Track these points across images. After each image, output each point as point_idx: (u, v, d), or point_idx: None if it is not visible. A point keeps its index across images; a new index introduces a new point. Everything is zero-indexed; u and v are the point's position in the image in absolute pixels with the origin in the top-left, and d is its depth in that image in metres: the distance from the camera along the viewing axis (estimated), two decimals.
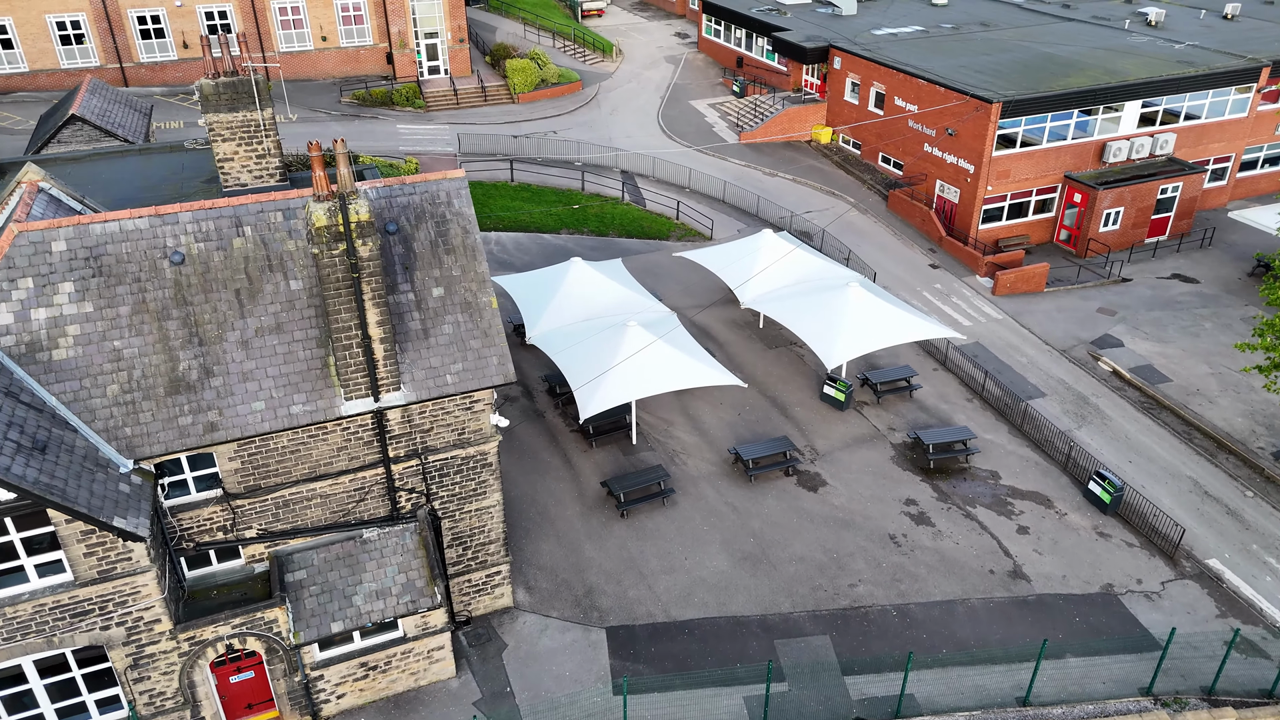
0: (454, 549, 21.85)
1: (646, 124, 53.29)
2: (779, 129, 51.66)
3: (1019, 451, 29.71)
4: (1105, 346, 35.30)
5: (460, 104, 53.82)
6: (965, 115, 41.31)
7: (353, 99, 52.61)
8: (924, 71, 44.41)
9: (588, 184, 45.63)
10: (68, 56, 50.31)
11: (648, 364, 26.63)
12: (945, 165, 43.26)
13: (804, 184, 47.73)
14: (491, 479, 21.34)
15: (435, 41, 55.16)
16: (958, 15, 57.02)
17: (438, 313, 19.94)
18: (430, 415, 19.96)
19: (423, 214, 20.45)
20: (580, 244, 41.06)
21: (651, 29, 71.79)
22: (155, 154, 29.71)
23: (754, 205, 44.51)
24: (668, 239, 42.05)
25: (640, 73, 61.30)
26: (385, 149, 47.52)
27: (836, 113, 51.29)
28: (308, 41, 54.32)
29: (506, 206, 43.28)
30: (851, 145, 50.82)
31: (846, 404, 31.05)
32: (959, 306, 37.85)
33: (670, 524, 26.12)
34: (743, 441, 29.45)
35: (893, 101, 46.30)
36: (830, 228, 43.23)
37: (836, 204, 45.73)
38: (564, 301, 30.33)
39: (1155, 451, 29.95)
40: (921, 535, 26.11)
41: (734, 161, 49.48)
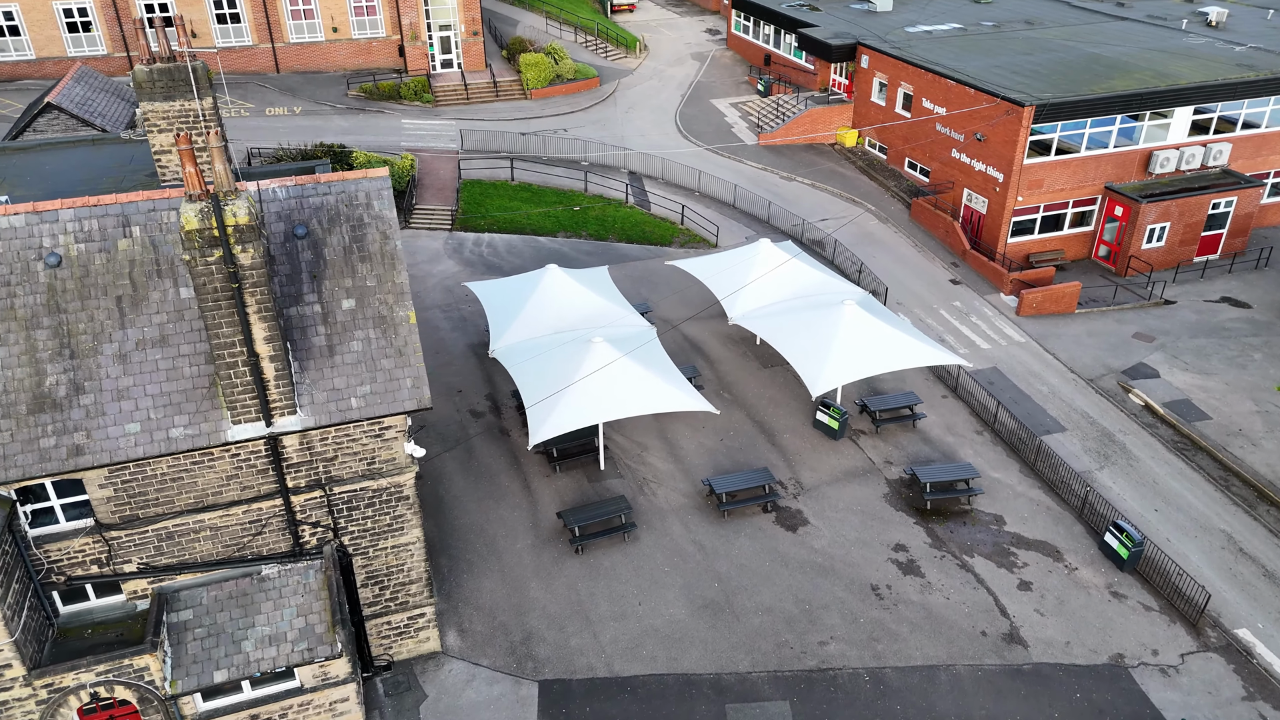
0: (370, 588, 19.75)
1: (662, 123, 50.85)
2: (801, 131, 48.84)
3: (1029, 494, 26.69)
4: (1138, 377, 31.96)
5: (471, 99, 51.96)
6: (995, 119, 38.12)
7: (360, 92, 51.05)
8: (953, 71, 41.27)
9: (592, 185, 43.37)
10: (75, 44, 49.58)
11: (611, 384, 24.26)
12: (973, 173, 40.09)
13: (822, 189, 44.87)
14: (409, 513, 19.18)
15: (449, 34, 53.39)
16: (1001, 13, 53.54)
17: (347, 327, 17.84)
18: (334, 443, 17.87)
19: (337, 216, 18.37)
20: (576, 248, 38.83)
21: (682, 25, 69.30)
22: (107, 145, 28.09)
23: (765, 211, 41.83)
24: (670, 245, 39.59)
25: (663, 69, 58.85)
26: (386, 144, 45.83)
27: (863, 114, 48.28)
28: (319, 32, 52.93)
29: (503, 207, 41.24)
30: (877, 149, 47.78)
31: (840, 433, 28.31)
32: (978, 327, 34.76)
33: (628, 563, 23.72)
34: (721, 471, 26.92)
35: (920, 103, 43.21)
36: (845, 237, 40.35)
37: (855, 211, 42.80)
38: (535, 311, 28.11)
39: (1186, 499, 26.70)
40: (908, 587, 23.32)
41: (750, 164, 46.80)
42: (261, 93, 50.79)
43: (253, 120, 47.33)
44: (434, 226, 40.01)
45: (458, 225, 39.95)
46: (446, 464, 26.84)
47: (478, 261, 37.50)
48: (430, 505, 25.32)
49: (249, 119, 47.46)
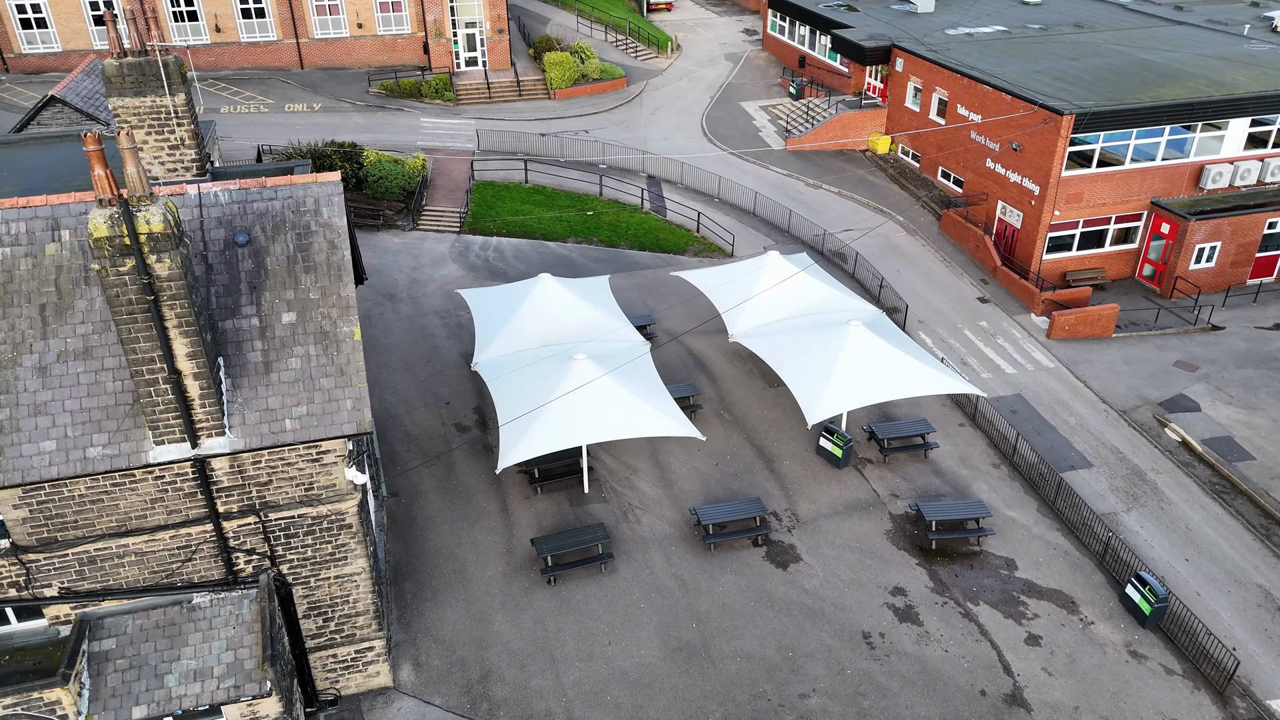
0: (313, 619, 18.54)
1: (688, 125, 49.22)
2: (830, 136, 46.86)
3: (1046, 536, 24.60)
4: (1176, 410, 29.56)
5: (493, 98, 50.88)
6: (1032, 128, 35.83)
7: (380, 89, 50.27)
8: (990, 76, 39.00)
9: (607, 189, 41.94)
10: (100, 37, 49.55)
11: (591, 404, 22.79)
12: (1008, 184, 37.79)
13: (849, 198, 42.87)
14: (353, 543, 17.92)
15: (474, 32, 52.37)
16: (1050, 15, 50.90)
17: (285, 343, 16.62)
18: (267, 466, 16.66)
19: (282, 223, 17.18)
20: (585, 255, 37.44)
21: (720, 24, 67.55)
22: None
23: (786, 220, 39.98)
24: (684, 254, 37.99)
25: (694, 70, 57.20)
26: (402, 143, 44.94)
27: (896, 120, 46.14)
28: (343, 28, 52.31)
29: (514, 210, 40.01)
30: (910, 157, 45.60)
31: (845, 461, 26.48)
32: (1004, 350, 32.57)
33: (602, 597, 22.22)
34: (713, 499, 25.29)
35: (955, 109, 40.98)
36: (869, 249, 38.34)
37: (882, 222, 40.75)
38: (523, 323, 26.75)
39: (1220, 549, 24.38)
40: (903, 636, 21.47)
41: (775, 170, 44.95)
42: (283, 89, 50.29)
43: (271, 116, 46.79)
44: (442, 229, 38.94)
45: (466, 228, 38.82)
46: (424, 480, 25.62)
47: (482, 266, 36.31)
48: (402, 524, 24.12)
49: (268, 115, 46.93)
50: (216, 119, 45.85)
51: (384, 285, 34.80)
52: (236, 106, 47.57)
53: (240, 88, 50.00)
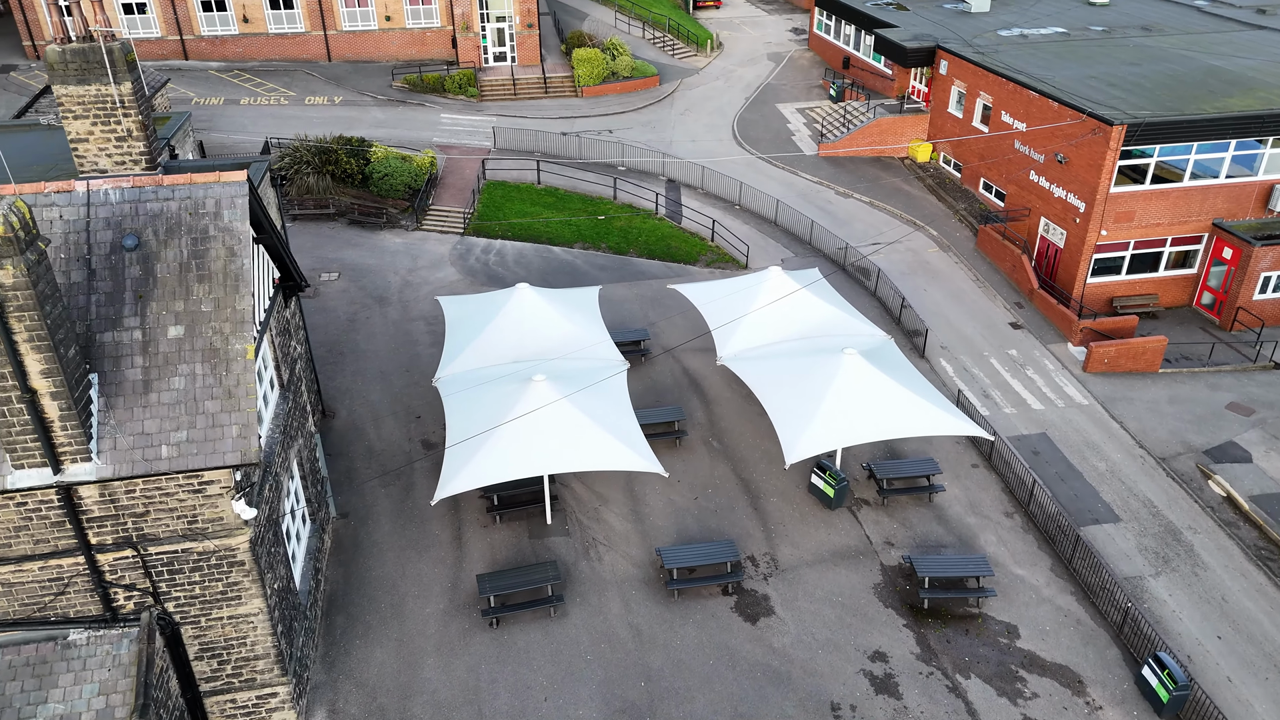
0: (206, 662, 16.94)
1: (718, 127, 46.89)
2: (867, 141, 44.03)
3: (1058, 600, 21.79)
4: (1224, 460, 26.30)
5: (518, 95, 49.26)
6: (1079, 138, 32.67)
7: (404, 84, 49.08)
8: (1035, 81, 35.85)
9: (622, 192, 39.90)
10: (130, 26, 49.34)
11: (546, 431, 20.79)
12: (1051, 199, 34.63)
13: (880, 208, 40.06)
14: (246, 581, 16.23)
15: (504, 26, 50.82)
16: (1116, 17, 47.19)
17: (170, 360, 15.00)
18: (143, 496, 15.06)
19: (177, 226, 15.58)
20: (591, 262, 35.47)
21: (767, 23, 64.95)
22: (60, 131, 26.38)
23: (808, 231, 37.41)
24: (695, 264, 35.75)
25: (733, 69, 54.78)
26: (417, 139, 43.59)
27: (938, 126, 43.12)
28: (371, 21, 51.28)
29: (522, 212, 38.25)
30: (951, 166, 42.54)
31: (838, 501, 24.01)
32: (1032, 383, 29.58)
33: (547, 644, 20.22)
34: (687, 538, 23.08)
35: (999, 117, 37.90)
36: (895, 266, 35.57)
37: (914, 237, 37.89)
38: (495, 336, 24.89)
39: (1261, 626, 21.27)
40: (876, 711, 18.99)
41: (804, 176, 42.37)
42: (307, 81, 49.45)
43: (290, 109, 45.93)
44: (446, 229, 37.39)
45: (470, 229, 37.20)
46: (379, 501, 23.95)
47: (480, 271, 34.62)
48: (346, 549, 22.47)
49: (287, 108, 46.08)
50: (235, 110, 45.19)
51: (376, 287, 33.35)
52: (257, 98, 46.83)
53: (264, 79, 49.31)
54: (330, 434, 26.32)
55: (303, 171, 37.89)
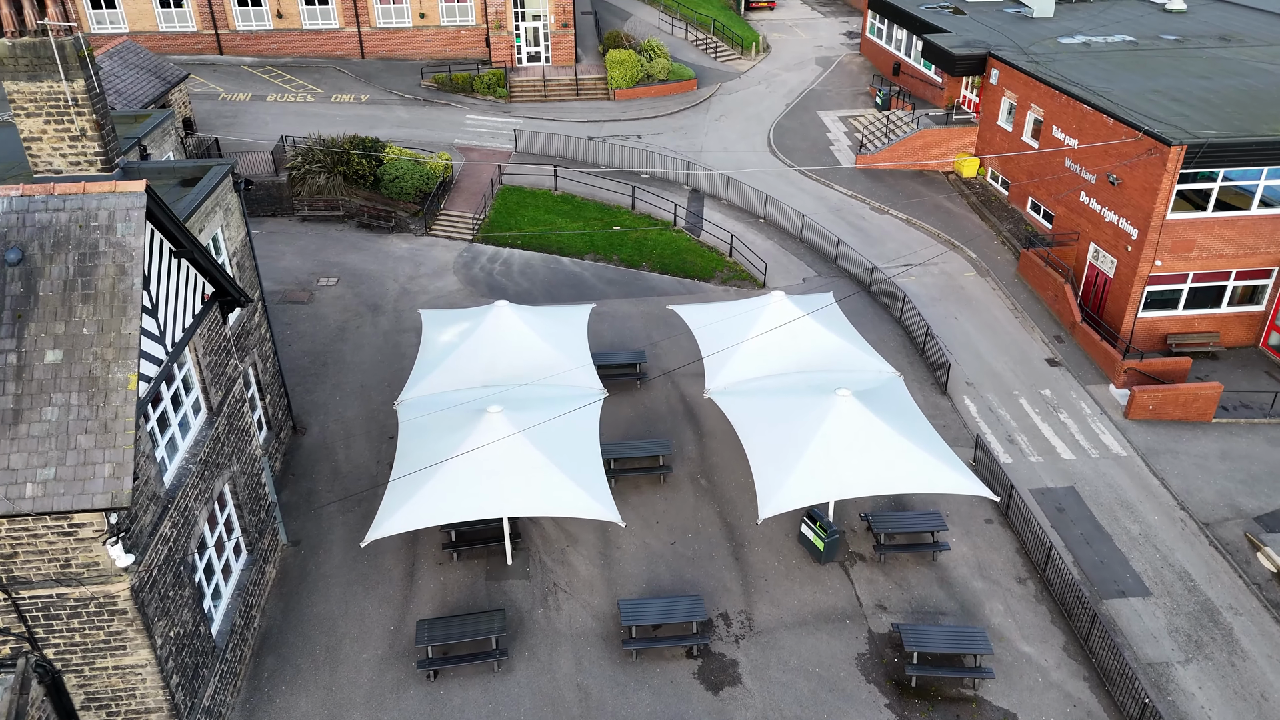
0: (94, 713, 15.60)
1: (752, 134, 44.63)
2: (909, 154, 41.29)
3: (1067, 685, 19.21)
4: (1278, 529, 23.23)
5: (548, 97, 47.71)
6: (1133, 158, 29.65)
7: (433, 83, 47.96)
8: (1089, 94, 32.82)
9: (641, 202, 37.99)
10: (166, 20, 49.28)
11: (496, 469, 19.04)
12: (1103, 224, 31.60)
13: (917, 226, 37.37)
14: (131, 630, 14.83)
15: (539, 25, 49.34)
16: (1192, 25, 43.50)
17: (44, 388, 13.65)
18: (9, 536, 13.74)
19: (66, 240, 14.24)
20: (599, 275, 33.66)
21: (821, 25, 62.30)
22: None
23: (834, 249, 34.97)
24: (709, 280, 33.65)
25: (777, 74, 52.39)
26: (438, 140, 42.36)
27: (986, 140, 40.18)
28: (406, 18, 50.32)
29: (535, 220, 36.64)
30: (999, 184, 39.56)
31: (828, 555, 21.77)
32: (1065, 429, 26.77)
33: (485, 703, 18.46)
34: (658, 589, 21.11)
35: (1050, 131, 34.91)
36: (925, 290, 32.94)
37: (950, 258, 35.14)
38: (468, 356, 23.25)
39: None
40: None
41: (839, 189, 39.86)
42: (336, 78, 48.70)
43: (316, 106, 45.16)
44: (455, 235, 36.00)
45: (479, 236, 35.74)
46: (335, 528, 22.52)
47: (483, 281, 33.11)
48: (292, 580, 21.08)
49: (312, 105, 45.33)
50: (260, 107, 44.60)
51: (373, 294, 32.09)
52: (284, 95, 46.21)
53: (295, 75, 48.73)
54: (297, 452, 25.03)
55: (313, 172, 36.91)
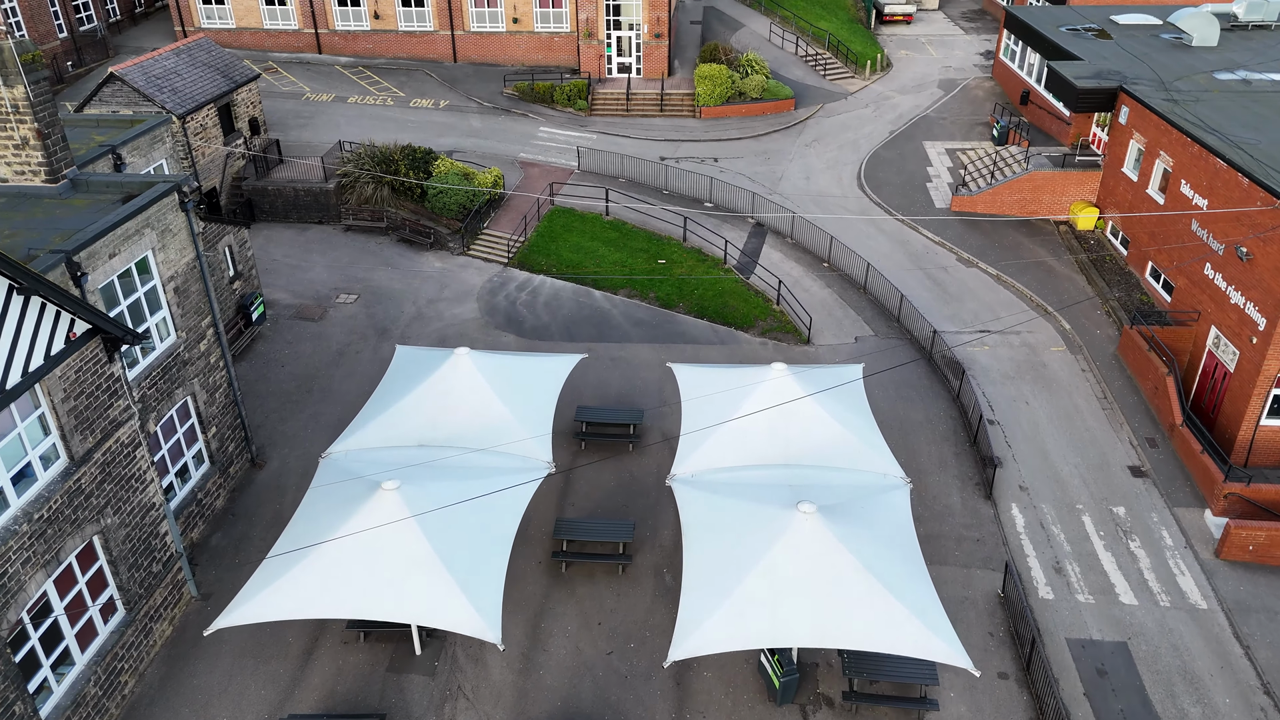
0: None
1: (842, 164, 40.35)
2: (1015, 198, 35.97)
3: None
4: None
5: (630, 111, 45.01)
6: (1268, 229, 23.93)
7: (514, 91, 46.20)
8: (1226, 145, 27.02)
9: (695, 235, 34.65)
10: (270, 17, 49.84)
11: (370, 559, 16.49)
12: (1227, 305, 25.86)
13: (1008, 285, 32.25)
14: None
15: (633, 34, 46.70)
16: None
17: None
18: None
19: None
20: (629, 314, 30.69)
21: (958, 43, 56.67)
22: None
23: (897, 305, 30.52)
24: (749, 329, 30.01)
25: (890, 96, 47.61)
26: (502, 153, 40.49)
27: (1109, 188, 34.41)
28: (500, 22, 48.85)
29: (578, 246, 34.04)
30: (1119, 241, 33.74)
31: (785, 696, 18.03)
32: (1134, 562, 21.65)
33: None
34: (573, 710, 18.02)
35: (1177, 186, 29.19)
36: (999, 364, 28.08)
37: (1038, 327, 29.97)
38: (413, 407, 20.87)
39: None
40: None
41: (925, 234, 35.14)
42: (422, 82, 47.79)
43: (391, 111, 44.30)
44: (491, 257, 33.92)
45: (515, 260, 33.51)
46: None
47: (503, 310, 30.82)
48: (186, 641, 19.31)
49: (389, 109, 44.50)
50: (339, 109, 44.15)
51: (386, 316, 30.40)
52: (365, 97, 45.64)
53: (382, 77, 48.17)
54: (248, 489, 23.42)
55: (362, 180, 35.76)
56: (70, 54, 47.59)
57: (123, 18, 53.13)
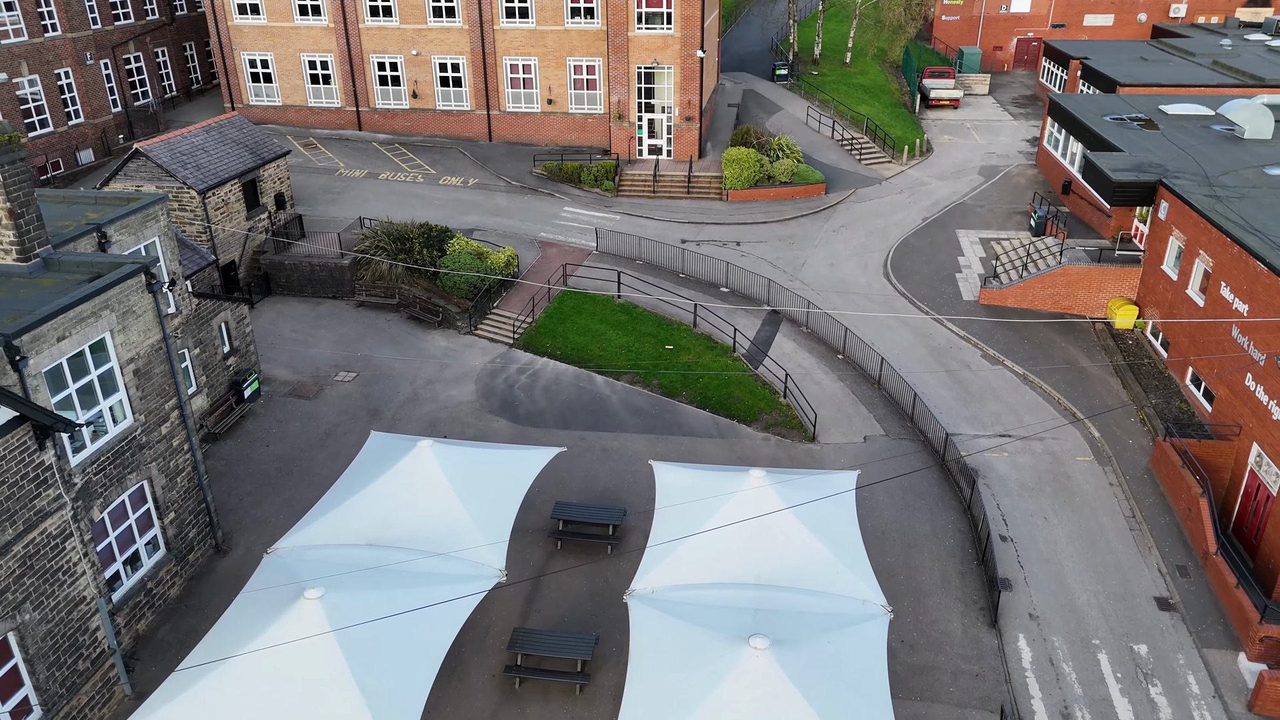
0: None
1: (868, 251, 39.04)
2: (1048, 292, 34.11)
3: None
4: None
5: (656, 193, 44.56)
6: None
7: (542, 171, 46.25)
8: (1268, 248, 25.03)
9: (706, 321, 33.54)
10: (314, 95, 51.17)
11: (286, 678, 15.29)
12: (1269, 422, 23.55)
13: (1036, 386, 30.24)
14: None
15: (664, 117, 46.57)
16: None
17: None
18: None
19: None
20: (628, 401, 29.54)
21: (1005, 129, 55.48)
22: None
23: (910, 403, 28.76)
24: (751, 423, 28.54)
25: (926, 182, 46.40)
26: (523, 232, 40.23)
27: (1149, 287, 32.38)
28: (535, 103, 49.30)
29: (586, 329, 33.20)
30: (1159, 342, 31.54)
31: None
32: (1151, 714, 19.21)
33: None
34: None
35: (1217, 289, 27.17)
36: (1019, 473, 26.04)
37: (1065, 434, 27.85)
38: (367, 504, 19.89)
39: None
40: None
41: (950, 328, 33.43)
42: (455, 160, 48.24)
43: (419, 188, 44.65)
44: (497, 337, 33.26)
45: (520, 341, 32.78)
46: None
47: (499, 394, 29.96)
48: None
49: (418, 186, 44.86)
50: (369, 185, 44.65)
51: (380, 396, 29.77)
52: (396, 174, 46.15)
53: (416, 154, 48.79)
54: (208, 578, 22.56)
55: (378, 257, 35.70)
56: (122, 128, 49.37)
57: (179, 94, 55.19)
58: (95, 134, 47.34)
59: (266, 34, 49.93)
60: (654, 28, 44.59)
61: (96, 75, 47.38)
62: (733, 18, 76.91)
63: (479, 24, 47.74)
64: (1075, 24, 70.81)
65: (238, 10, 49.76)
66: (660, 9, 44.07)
